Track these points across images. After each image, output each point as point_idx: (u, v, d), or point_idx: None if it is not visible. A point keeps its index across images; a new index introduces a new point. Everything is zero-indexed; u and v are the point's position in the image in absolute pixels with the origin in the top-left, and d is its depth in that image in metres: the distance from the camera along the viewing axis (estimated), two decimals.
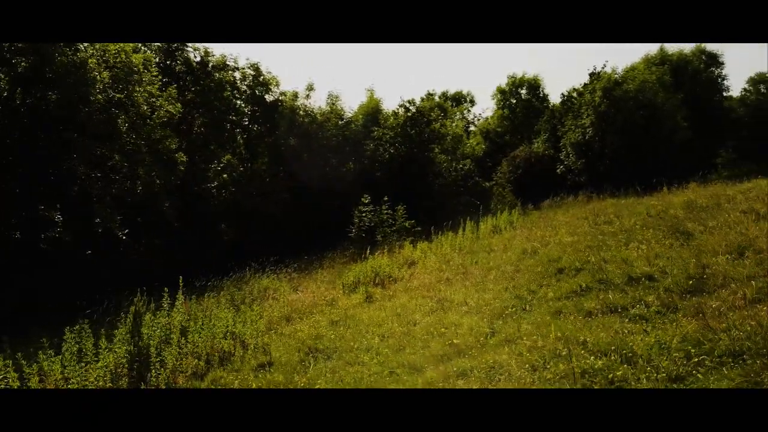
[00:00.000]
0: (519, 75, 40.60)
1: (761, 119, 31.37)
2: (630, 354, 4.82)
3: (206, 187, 20.90)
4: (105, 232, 14.67)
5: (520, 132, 37.74)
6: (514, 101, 40.11)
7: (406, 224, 19.18)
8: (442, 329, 7.66)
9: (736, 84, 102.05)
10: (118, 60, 15.78)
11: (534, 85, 39.92)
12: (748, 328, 4.73)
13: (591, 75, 30.84)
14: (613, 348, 4.97)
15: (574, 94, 31.59)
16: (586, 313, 6.92)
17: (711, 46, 36.98)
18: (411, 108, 25.41)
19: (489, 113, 44.74)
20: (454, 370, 5.71)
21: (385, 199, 19.77)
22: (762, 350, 4.26)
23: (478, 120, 43.70)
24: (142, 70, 16.55)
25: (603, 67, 29.93)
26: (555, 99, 43.22)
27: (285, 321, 10.59)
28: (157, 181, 16.06)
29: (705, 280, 6.74)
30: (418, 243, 17.19)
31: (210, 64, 22.00)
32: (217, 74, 21.94)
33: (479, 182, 29.82)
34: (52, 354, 7.57)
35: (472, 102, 46.43)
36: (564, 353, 5.27)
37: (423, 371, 6.08)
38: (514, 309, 7.97)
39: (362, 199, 19.63)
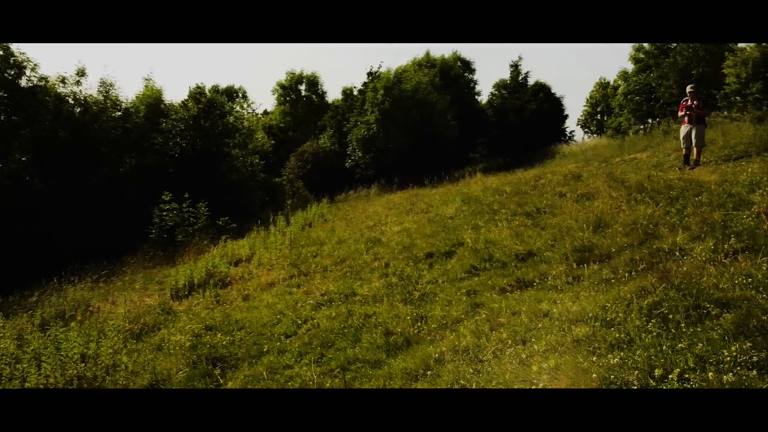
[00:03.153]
0: (298, 72, 40.93)
1: (504, 119, 36.39)
2: (608, 318, 5.13)
3: None
4: None
5: (303, 127, 37.97)
6: (295, 97, 40.20)
7: (219, 221, 17.95)
8: (360, 320, 7.27)
9: (485, 88, 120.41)
10: None
11: (313, 82, 40.49)
12: (691, 285, 5.34)
13: (369, 74, 32.50)
14: (591, 315, 5.23)
15: (355, 92, 32.90)
16: (500, 290, 7.21)
17: (464, 54, 41.54)
18: (202, 99, 23.72)
19: (261, 109, 44.26)
20: (431, 356, 5.33)
21: (186, 196, 18.24)
22: (726, 300, 4.81)
23: (254, 115, 42.74)
24: None
25: (379, 67, 31.74)
26: (333, 96, 44.67)
27: (132, 335, 9.08)
28: None
29: (591, 252, 7.55)
30: (231, 241, 16.22)
31: None
32: None
33: (267, 178, 29.31)
34: None
35: (245, 97, 45.31)
36: (537, 327, 5.42)
37: (385, 363, 5.61)
38: (418, 293, 7.95)
39: (163, 196, 17.78)
